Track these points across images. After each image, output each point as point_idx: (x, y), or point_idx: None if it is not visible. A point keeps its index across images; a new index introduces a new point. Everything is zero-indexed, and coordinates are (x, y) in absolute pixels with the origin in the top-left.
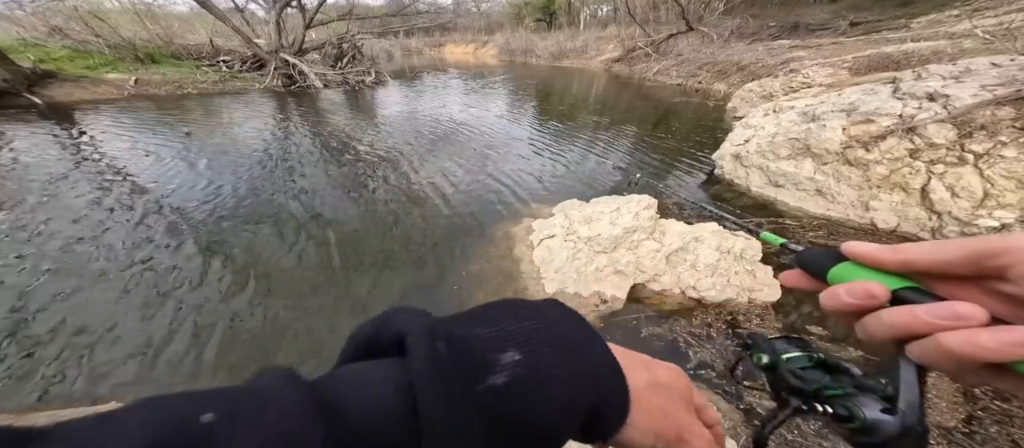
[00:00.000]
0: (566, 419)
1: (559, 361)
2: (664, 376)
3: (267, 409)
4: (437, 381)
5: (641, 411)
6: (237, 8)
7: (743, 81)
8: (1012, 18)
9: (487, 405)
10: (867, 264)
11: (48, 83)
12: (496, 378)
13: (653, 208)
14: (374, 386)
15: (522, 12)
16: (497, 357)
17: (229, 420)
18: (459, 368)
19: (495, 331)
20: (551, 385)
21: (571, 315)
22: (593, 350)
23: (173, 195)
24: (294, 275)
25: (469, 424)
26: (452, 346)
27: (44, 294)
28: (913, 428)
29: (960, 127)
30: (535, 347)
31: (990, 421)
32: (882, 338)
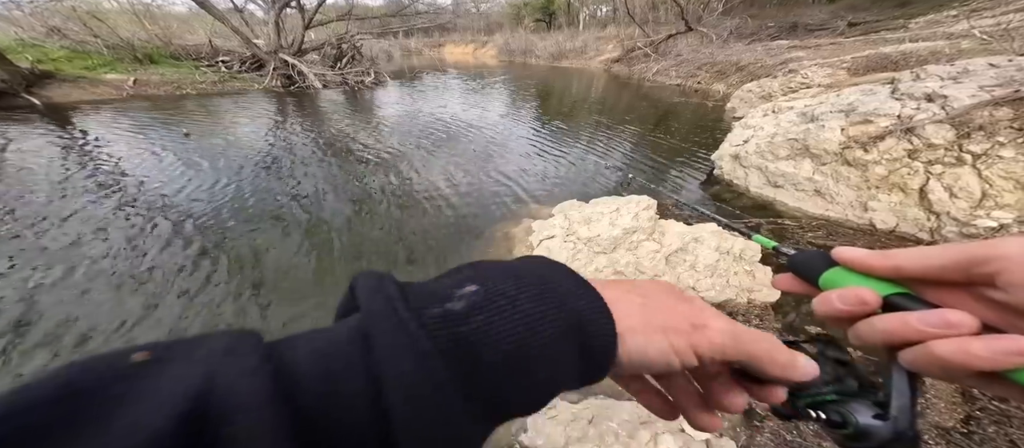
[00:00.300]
0: (539, 337)
1: (518, 284)
2: (642, 283)
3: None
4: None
5: (631, 314)
6: (236, 8)
7: (742, 81)
8: (1010, 19)
9: (444, 326)
10: (857, 270)
11: (46, 84)
12: (453, 305)
13: (652, 209)
14: (323, 330)
15: (521, 12)
16: (454, 291)
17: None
18: (412, 299)
19: (455, 278)
20: (513, 303)
21: (535, 255)
22: (558, 275)
23: (172, 196)
24: (293, 276)
25: (425, 348)
26: (404, 288)
27: (43, 295)
28: (905, 433)
29: (958, 128)
30: (493, 278)
31: (988, 421)
32: (875, 344)
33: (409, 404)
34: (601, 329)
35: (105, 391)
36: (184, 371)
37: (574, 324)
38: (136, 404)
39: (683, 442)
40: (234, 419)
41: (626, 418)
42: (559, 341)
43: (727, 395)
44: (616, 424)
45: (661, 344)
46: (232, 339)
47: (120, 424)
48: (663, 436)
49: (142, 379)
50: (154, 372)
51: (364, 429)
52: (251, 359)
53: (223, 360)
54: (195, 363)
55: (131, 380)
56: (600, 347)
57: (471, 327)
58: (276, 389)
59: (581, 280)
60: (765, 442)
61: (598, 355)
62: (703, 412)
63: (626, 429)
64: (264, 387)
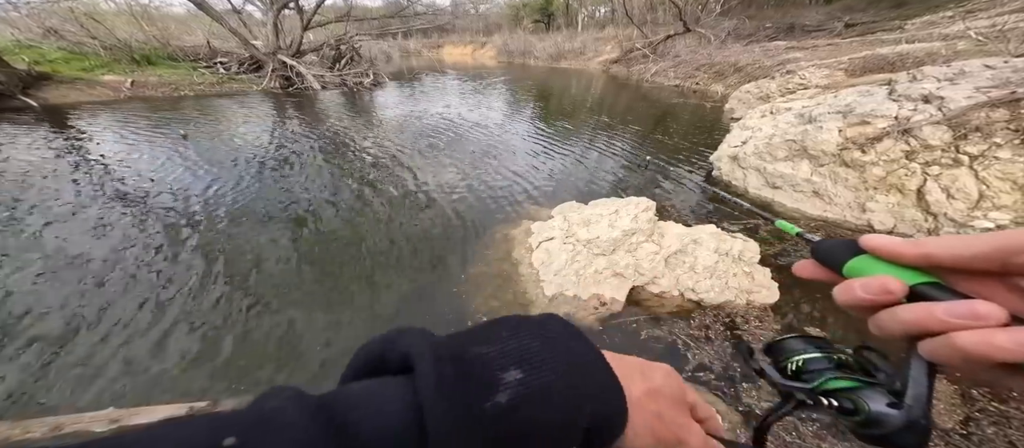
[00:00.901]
0: (566, 435)
1: (558, 379)
2: (659, 381)
3: (281, 432)
4: (443, 401)
5: (639, 420)
6: (234, 9)
7: (740, 82)
8: (1005, 20)
9: (491, 423)
10: (885, 258)
11: (43, 85)
12: (500, 396)
13: (652, 210)
14: (382, 405)
15: (520, 13)
16: (500, 376)
17: (246, 445)
18: (465, 388)
19: (496, 350)
20: (552, 403)
21: (569, 329)
22: (590, 365)
23: (170, 198)
24: (292, 278)
25: (475, 442)
26: (457, 366)
27: (40, 297)
28: (917, 422)
29: (955, 129)
30: (535, 365)
31: (987, 422)
32: (896, 335)
33: None
34: (611, 429)
35: None
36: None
37: (594, 424)
38: None
39: None
40: None
41: None
42: (580, 429)
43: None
44: None
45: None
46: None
47: None
48: None
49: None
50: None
51: None
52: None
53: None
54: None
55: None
56: (606, 440)
57: (515, 423)
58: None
59: (611, 375)
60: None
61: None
62: None
63: None
64: None
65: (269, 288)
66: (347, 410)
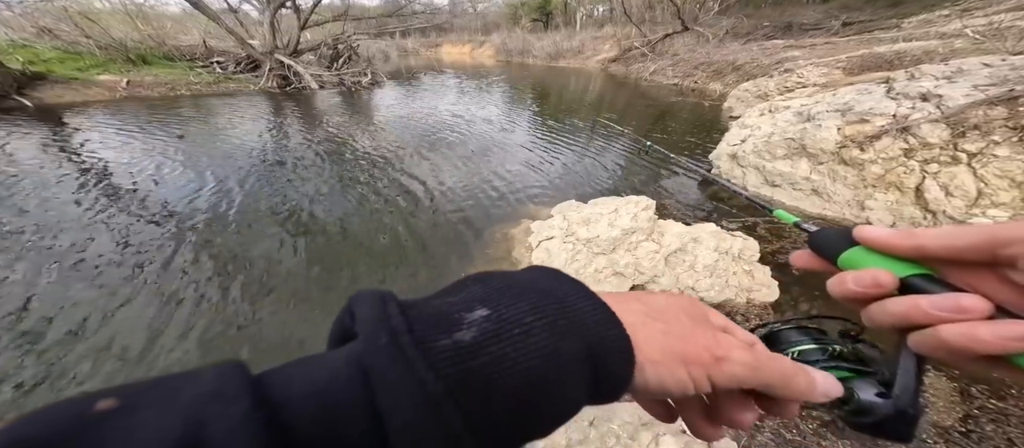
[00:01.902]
0: (554, 370)
1: (533, 309)
2: (662, 301)
3: (180, 391)
4: (387, 338)
5: (650, 342)
6: (230, 9)
7: (738, 81)
8: (1002, 18)
9: (454, 362)
10: (878, 249)
11: (38, 85)
12: (462, 334)
13: (651, 209)
14: (319, 362)
15: (518, 12)
16: (462, 315)
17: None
18: (418, 330)
19: (461, 296)
20: (527, 335)
21: (546, 269)
22: (571, 294)
23: (167, 198)
24: (290, 279)
25: (432, 387)
26: (407, 310)
27: (38, 300)
28: (905, 411)
29: (953, 127)
30: (505, 300)
31: (986, 420)
32: (886, 327)
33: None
34: (618, 362)
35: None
36: (163, 420)
37: (591, 354)
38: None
39: (684, 444)
40: None
41: (627, 420)
42: (574, 371)
43: (737, 412)
44: (617, 426)
45: (680, 375)
46: (216, 378)
47: None
48: (664, 438)
49: (110, 430)
50: (125, 422)
51: None
52: (240, 403)
53: (210, 407)
54: (176, 411)
55: (95, 431)
56: (616, 378)
57: (482, 361)
58: (269, 440)
59: (599, 303)
60: (766, 441)
61: (613, 385)
62: (706, 424)
63: (627, 431)
64: (256, 437)
65: (266, 288)
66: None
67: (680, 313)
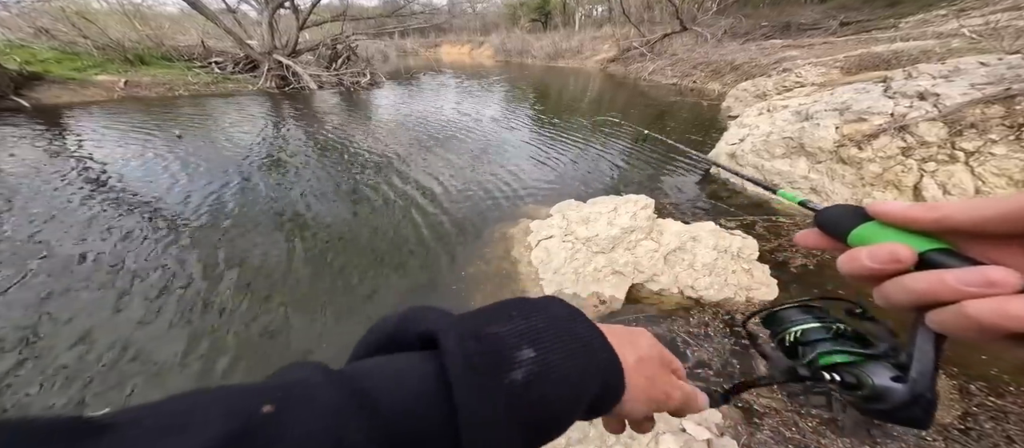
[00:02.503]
0: (575, 407)
1: (567, 358)
2: (645, 348)
3: (314, 401)
4: (470, 373)
5: (634, 386)
6: (229, 9)
7: (737, 80)
8: (998, 18)
9: (509, 397)
10: (895, 224)
11: (35, 85)
12: (516, 374)
13: (650, 208)
14: (406, 376)
15: (517, 12)
16: (515, 354)
17: (282, 412)
18: (486, 362)
19: (508, 329)
20: (563, 381)
21: (570, 310)
22: (593, 343)
23: (165, 199)
24: (291, 279)
25: (499, 413)
26: (480, 343)
27: (34, 302)
28: (923, 396)
29: (951, 125)
30: (545, 344)
31: (985, 417)
32: (903, 305)
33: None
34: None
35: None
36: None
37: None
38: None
39: (684, 442)
40: None
41: None
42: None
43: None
44: None
45: (643, 409)
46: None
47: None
48: (664, 436)
49: (282, 429)
50: (287, 424)
51: None
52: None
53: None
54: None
55: (273, 428)
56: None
57: (532, 399)
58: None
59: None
60: (765, 439)
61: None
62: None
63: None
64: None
65: (266, 288)
66: (369, 379)
67: (657, 364)
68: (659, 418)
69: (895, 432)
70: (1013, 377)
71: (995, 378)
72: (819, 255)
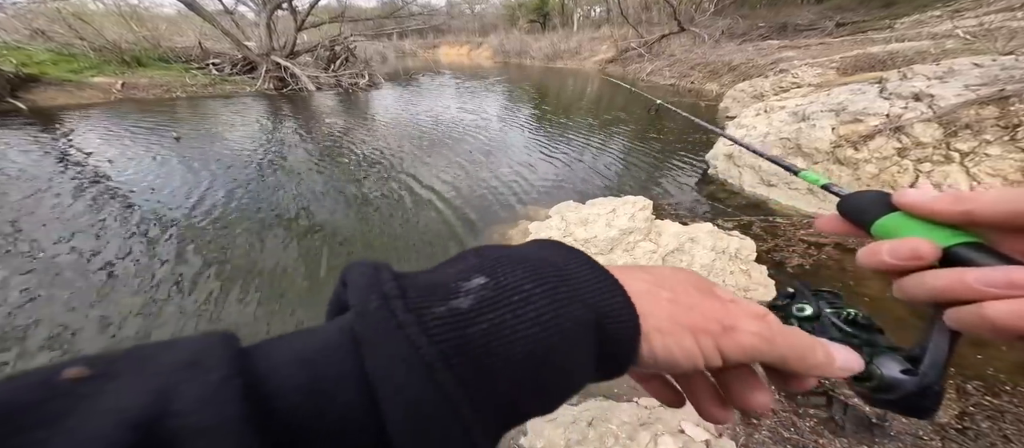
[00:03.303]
0: (557, 338)
1: (532, 276)
2: (667, 273)
3: (157, 360)
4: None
5: (657, 311)
6: (226, 10)
7: (734, 81)
8: (992, 19)
9: (450, 328)
10: (921, 216)
11: (32, 87)
12: (459, 301)
13: (649, 209)
14: (309, 332)
15: (516, 13)
16: (459, 284)
17: (104, 377)
18: (412, 293)
19: (458, 267)
20: (527, 301)
21: (546, 240)
22: (574, 262)
23: (163, 201)
24: (289, 281)
25: (429, 349)
26: (402, 280)
27: (30, 305)
28: (931, 387)
29: (946, 126)
30: (503, 268)
31: (982, 417)
32: (921, 301)
33: (412, 421)
34: (624, 329)
35: (24, 416)
36: (132, 388)
37: (595, 322)
38: (65, 432)
39: (682, 443)
40: (189, 446)
41: (625, 420)
42: (578, 341)
43: (750, 393)
44: (615, 426)
45: (689, 345)
46: (196, 347)
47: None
48: (663, 438)
49: (77, 399)
50: (93, 390)
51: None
52: (216, 372)
53: (181, 374)
54: (147, 378)
55: (62, 400)
56: (622, 348)
57: (481, 328)
58: (245, 409)
59: (602, 271)
60: (763, 439)
61: (619, 356)
62: (716, 406)
63: (625, 431)
64: (230, 407)
65: (263, 291)
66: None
67: (687, 285)
68: (662, 420)
69: (893, 431)
70: (1010, 376)
71: (992, 377)
72: (815, 255)
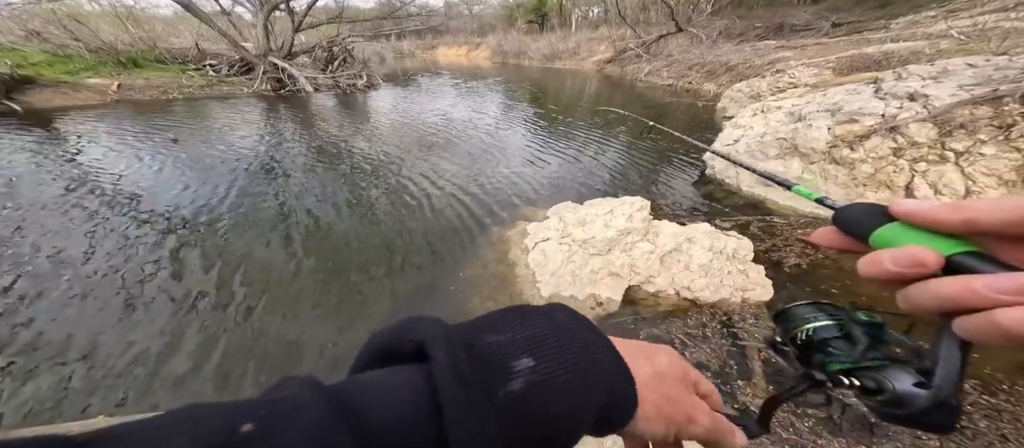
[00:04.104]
0: (578, 422)
1: (569, 366)
2: (664, 363)
3: (297, 417)
4: (459, 386)
5: (649, 403)
6: (223, 11)
7: (732, 81)
8: (985, 19)
9: (505, 410)
10: (919, 225)
11: (27, 89)
12: (513, 384)
13: (646, 209)
14: (396, 391)
15: (514, 14)
16: (512, 364)
17: (263, 431)
18: (479, 374)
19: (508, 338)
20: (564, 390)
21: (576, 317)
22: (599, 351)
23: (160, 203)
24: (287, 283)
25: (490, 428)
26: (471, 352)
27: (25, 307)
28: (947, 402)
29: (940, 126)
30: (546, 353)
31: (979, 416)
32: (928, 310)
33: None
34: (624, 411)
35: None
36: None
37: (607, 404)
38: None
39: None
40: None
41: None
42: (592, 416)
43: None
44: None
45: (661, 430)
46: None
47: None
48: None
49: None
50: (267, 443)
51: None
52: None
53: (325, 438)
54: (301, 434)
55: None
56: (618, 421)
57: (530, 409)
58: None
59: (619, 359)
60: (761, 441)
61: (614, 425)
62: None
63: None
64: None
65: (261, 293)
66: (359, 395)
67: (676, 380)
68: None
69: (891, 431)
70: (1007, 375)
71: (989, 377)
72: (812, 255)
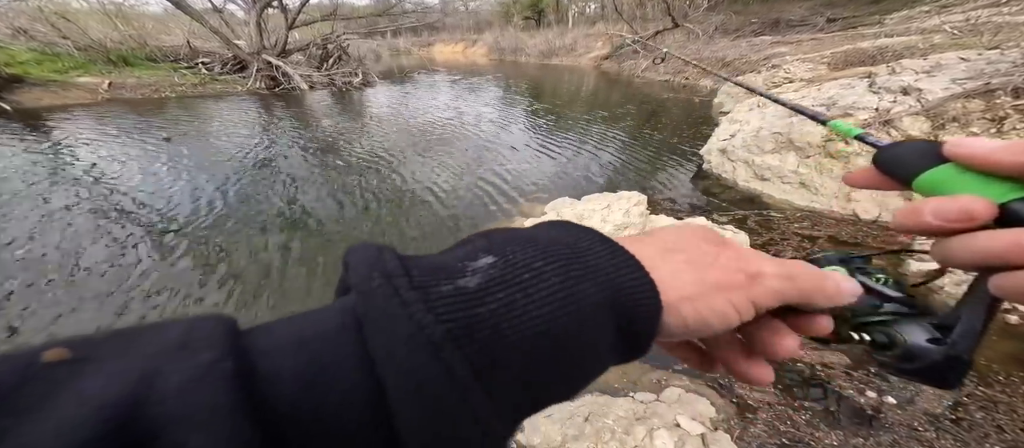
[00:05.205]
0: (571, 318)
1: (543, 254)
2: (673, 234)
3: (145, 342)
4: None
5: (679, 277)
6: (215, 9)
7: (728, 76)
8: (978, 15)
9: (457, 307)
10: (978, 168)
11: (15, 88)
12: (466, 280)
13: (643, 204)
14: (309, 314)
15: (511, 10)
16: (466, 263)
17: (85, 360)
18: (417, 275)
19: (465, 249)
20: (539, 278)
21: (554, 220)
22: (582, 236)
23: (153, 203)
24: (283, 284)
25: (435, 328)
26: (405, 259)
27: (19, 309)
28: (959, 357)
29: (933, 119)
30: (512, 248)
31: (975, 407)
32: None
33: (419, 405)
34: (644, 303)
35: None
36: (113, 372)
37: (611, 298)
38: (36, 419)
39: (678, 437)
40: (172, 434)
41: (621, 414)
42: (594, 320)
43: (779, 340)
44: (611, 421)
45: (721, 306)
46: (187, 329)
47: (16, 443)
48: (659, 432)
49: (53, 384)
50: (71, 374)
51: (359, 438)
52: (206, 354)
53: (168, 357)
54: (130, 361)
55: (38, 383)
56: (643, 323)
57: (490, 307)
58: (234, 394)
59: (614, 245)
60: (759, 433)
61: (641, 333)
62: (751, 363)
63: (622, 425)
64: (217, 391)
65: (256, 293)
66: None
67: (697, 241)
68: (658, 414)
69: (888, 423)
70: (1003, 366)
71: (984, 368)
72: (809, 248)
